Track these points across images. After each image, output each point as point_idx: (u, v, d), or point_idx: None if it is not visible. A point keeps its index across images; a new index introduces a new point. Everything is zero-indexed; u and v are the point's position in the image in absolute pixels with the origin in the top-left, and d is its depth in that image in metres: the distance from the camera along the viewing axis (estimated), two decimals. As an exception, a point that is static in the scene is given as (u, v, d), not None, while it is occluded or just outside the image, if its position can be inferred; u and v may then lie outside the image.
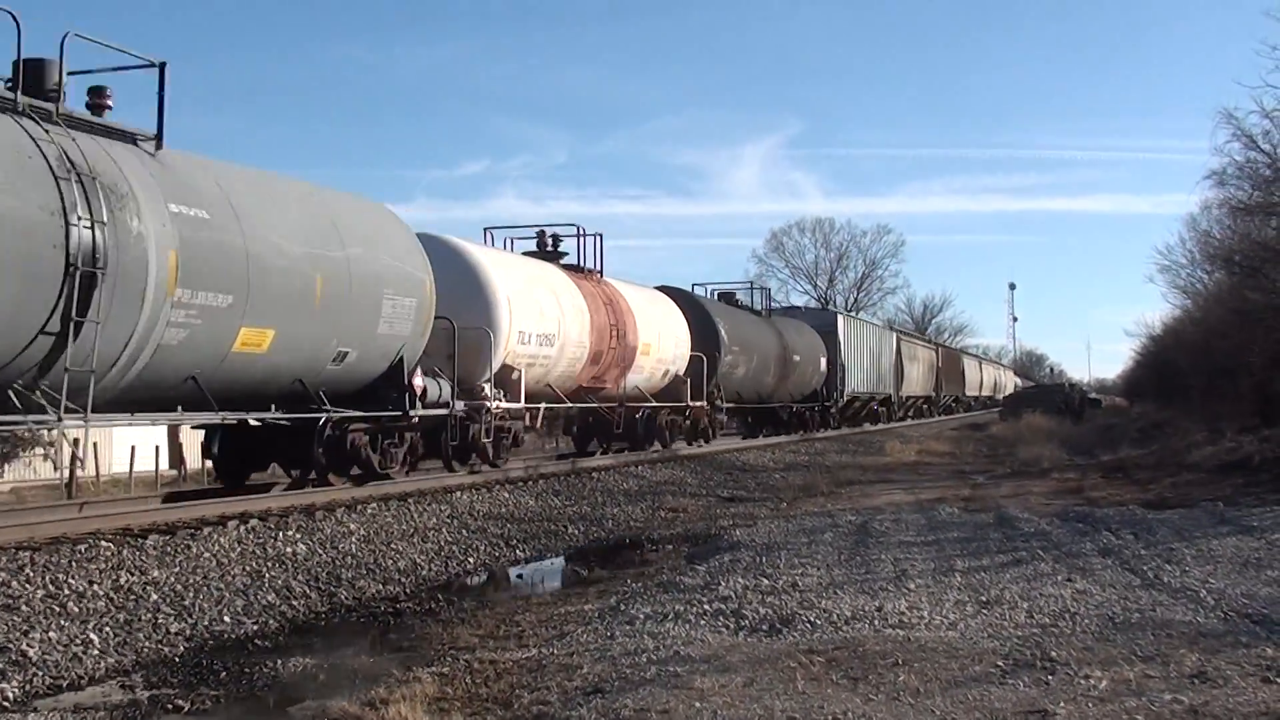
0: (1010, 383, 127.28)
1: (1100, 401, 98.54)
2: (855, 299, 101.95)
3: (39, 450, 29.76)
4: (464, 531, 16.64)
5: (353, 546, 14.41)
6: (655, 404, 30.19)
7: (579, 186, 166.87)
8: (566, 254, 27.25)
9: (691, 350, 31.69)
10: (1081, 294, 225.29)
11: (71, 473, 26.86)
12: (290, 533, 14.15)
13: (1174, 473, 26.26)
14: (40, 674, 8.99)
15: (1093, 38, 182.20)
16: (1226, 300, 39.09)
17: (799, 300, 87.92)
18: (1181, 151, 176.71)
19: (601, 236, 28.10)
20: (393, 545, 14.96)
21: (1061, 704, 7.18)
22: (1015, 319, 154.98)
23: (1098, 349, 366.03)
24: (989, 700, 7.35)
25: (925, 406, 76.13)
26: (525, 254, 26.62)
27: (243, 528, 13.88)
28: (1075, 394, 79.73)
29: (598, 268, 27.96)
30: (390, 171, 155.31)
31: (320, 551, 13.89)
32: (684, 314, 32.23)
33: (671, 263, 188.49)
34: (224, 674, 9.48)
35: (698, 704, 7.35)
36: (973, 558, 13.67)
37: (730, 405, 36.73)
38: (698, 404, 32.28)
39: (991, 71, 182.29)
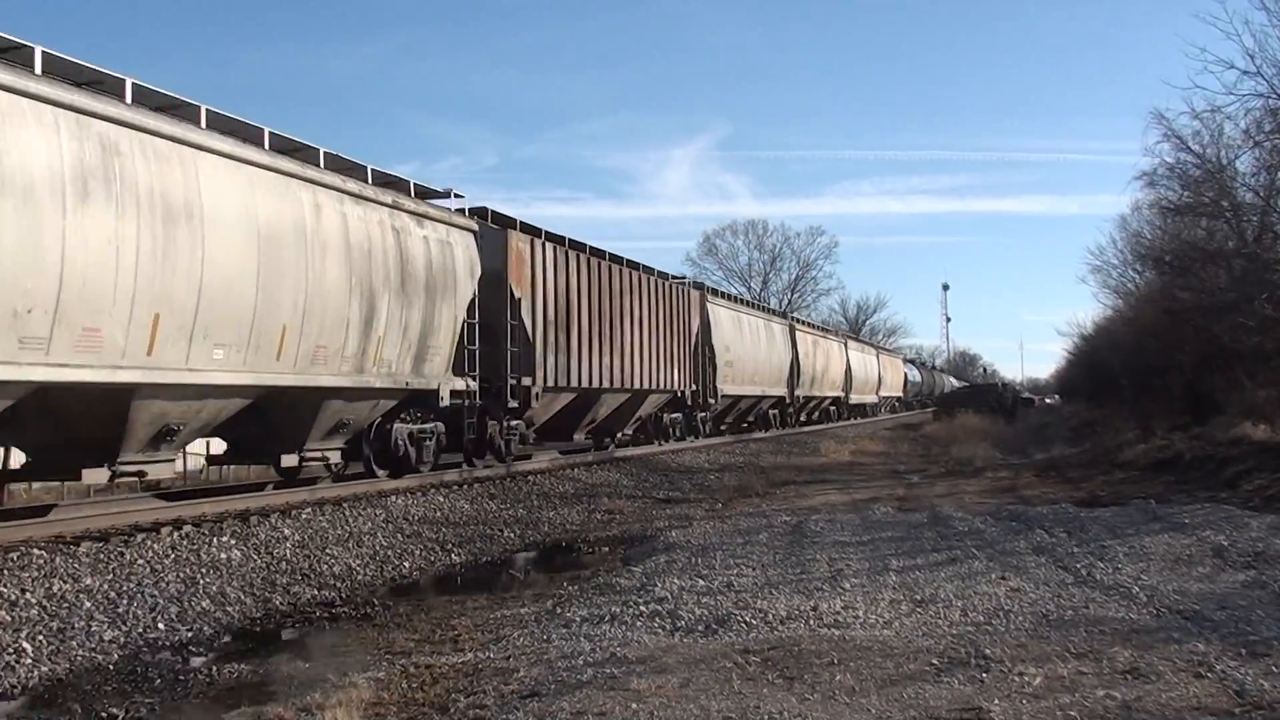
0: (900, 380, 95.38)
1: (1033, 401, 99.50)
2: (790, 300, 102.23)
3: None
4: (399, 536, 16.55)
5: (288, 552, 14.31)
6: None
7: (509, 189, 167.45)
8: None
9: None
10: (1014, 294, 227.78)
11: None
12: (225, 539, 14.03)
13: (1106, 471, 26.60)
14: (-31, 684, 8.87)
15: (1024, 40, 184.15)
16: (1157, 300, 39.58)
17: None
18: (1113, 153, 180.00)
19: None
20: (328, 550, 14.86)
21: (996, 701, 7.22)
22: (949, 319, 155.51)
23: (1030, 349, 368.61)
24: (924, 699, 7.38)
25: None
26: None
27: (176, 534, 13.74)
28: (1008, 393, 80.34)
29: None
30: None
31: (255, 557, 13.78)
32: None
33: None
34: (159, 681, 9.37)
35: (634, 705, 7.35)
36: (907, 557, 13.75)
37: None
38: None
39: (922, 73, 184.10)
